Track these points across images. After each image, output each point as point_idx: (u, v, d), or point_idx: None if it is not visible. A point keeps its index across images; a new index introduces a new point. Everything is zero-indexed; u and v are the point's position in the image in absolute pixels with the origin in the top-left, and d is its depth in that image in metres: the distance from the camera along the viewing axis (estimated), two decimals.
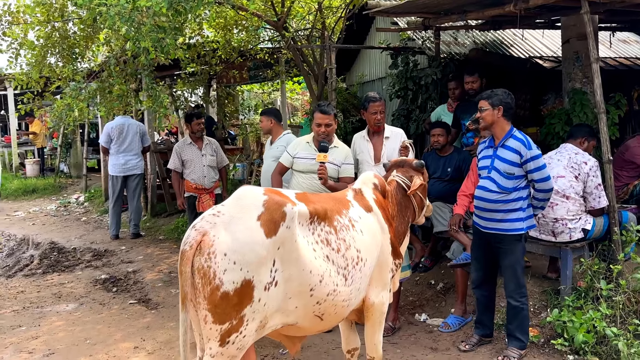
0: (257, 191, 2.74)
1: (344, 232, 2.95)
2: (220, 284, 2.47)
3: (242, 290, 2.49)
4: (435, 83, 7.48)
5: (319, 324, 2.91)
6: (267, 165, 5.40)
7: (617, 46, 9.27)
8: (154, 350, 4.55)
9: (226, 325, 2.51)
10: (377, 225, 3.21)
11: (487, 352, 4.33)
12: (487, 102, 4.09)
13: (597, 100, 4.61)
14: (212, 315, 2.51)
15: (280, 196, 2.74)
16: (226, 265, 2.47)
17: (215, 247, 2.48)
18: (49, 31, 6.69)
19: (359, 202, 3.21)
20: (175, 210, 9.53)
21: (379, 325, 3.33)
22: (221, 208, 2.64)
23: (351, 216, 3.06)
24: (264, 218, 2.58)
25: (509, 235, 4.07)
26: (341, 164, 4.58)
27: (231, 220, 2.57)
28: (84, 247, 8.30)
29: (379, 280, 3.23)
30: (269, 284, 2.57)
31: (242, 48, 9.02)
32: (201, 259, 2.49)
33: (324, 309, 2.84)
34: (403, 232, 3.54)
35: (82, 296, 6.07)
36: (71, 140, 15.24)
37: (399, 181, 3.56)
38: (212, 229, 2.53)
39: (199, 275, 2.50)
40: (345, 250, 2.91)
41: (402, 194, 3.53)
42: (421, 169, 3.69)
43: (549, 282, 5.00)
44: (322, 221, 2.87)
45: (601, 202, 4.57)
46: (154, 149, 9.96)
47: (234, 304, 2.49)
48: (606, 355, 3.99)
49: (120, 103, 6.49)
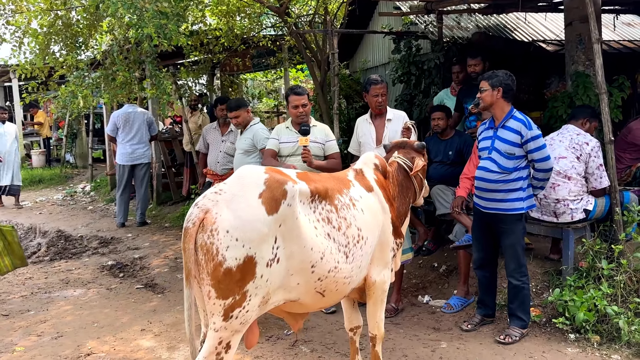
0: (259, 170, 2.76)
1: (344, 211, 2.97)
2: (223, 260, 2.50)
3: (244, 267, 2.53)
4: (438, 67, 7.48)
5: (320, 300, 2.95)
6: (237, 158, 5.44)
7: (621, 29, 9.22)
8: (161, 332, 4.62)
9: (229, 301, 2.54)
10: (378, 205, 3.24)
11: (489, 331, 4.37)
12: (487, 83, 4.10)
13: (599, 81, 4.61)
14: (215, 290, 2.53)
15: (282, 175, 2.77)
16: (228, 242, 2.50)
17: (218, 224, 2.51)
18: (52, 19, 6.73)
19: (360, 182, 3.24)
20: (180, 198, 9.60)
21: (381, 303, 3.37)
22: (223, 186, 2.67)
23: (352, 195, 3.10)
24: (265, 196, 2.61)
25: (509, 215, 4.10)
26: (325, 142, 4.71)
27: (233, 198, 2.58)
28: (90, 235, 8.38)
29: (381, 259, 3.26)
30: (271, 261, 2.60)
31: (245, 35, 9.03)
32: (204, 235, 2.52)
33: (325, 286, 2.87)
34: (404, 213, 3.56)
35: (89, 282, 6.15)
36: (76, 131, 15.32)
37: (400, 162, 3.57)
38: (214, 207, 2.56)
39: (202, 252, 2.53)
40: (346, 228, 2.94)
41: (403, 175, 3.55)
42: (422, 150, 3.70)
43: (551, 263, 5.03)
44: (323, 200, 2.90)
45: (602, 182, 4.59)
46: (158, 138, 10.02)
47: (237, 280, 2.53)
48: (607, 334, 4.04)
49: (124, 90, 6.52)
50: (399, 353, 4.04)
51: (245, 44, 9.42)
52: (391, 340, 4.27)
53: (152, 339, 4.47)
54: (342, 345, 4.17)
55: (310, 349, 4.16)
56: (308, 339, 4.34)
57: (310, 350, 4.14)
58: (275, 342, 4.31)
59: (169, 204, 9.77)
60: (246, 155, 5.50)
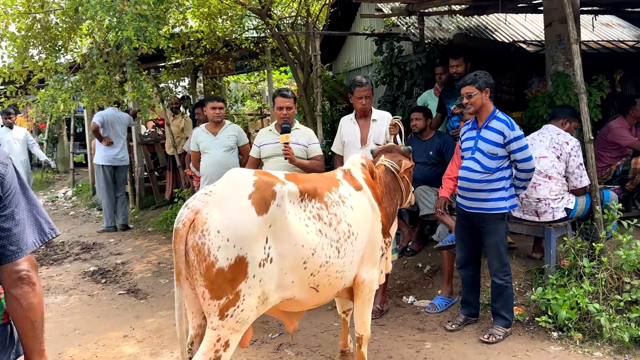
0: (247, 172, 2.82)
1: (334, 208, 3.03)
2: (215, 261, 2.52)
3: (235, 267, 2.54)
4: (420, 69, 7.51)
5: (315, 295, 2.99)
6: (220, 155, 5.48)
7: (599, 29, 9.34)
8: (144, 338, 4.56)
9: (223, 301, 2.56)
10: (368, 203, 3.28)
11: (473, 331, 4.39)
12: (474, 87, 4.10)
13: (578, 81, 4.66)
14: (209, 291, 2.56)
15: (270, 177, 2.81)
16: (219, 242, 2.53)
17: (209, 225, 2.54)
18: (30, 23, 6.62)
19: (349, 181, 3.30)
20: (163, 202, 9.53)
21: (369, 303, 3.40)
22: (213, 188, 2.70)
23: (341, 193, 3.15)
24: (254, 197, 2.65)
25: (492, 214, 4.12)
26: (308, 144, 4.73)
27: (223, 199, 2.62)
28: (72, 241, 8.27)
29: (370, 257, 3.30)
30: (264, 261, 2.63)
31: (227, 38, 8.98)
32: (195, 236, 2.55)
33: (318, 280, 2.92)
34: (392, 214, 3.60)
35: (71, 288, 6.06)
36: (57, 135, 15.13)
37: (388, 165, 3.64)
38: (204, 207, 2.59)
39: (193, 253, 2.56)
40: (336, 224, 2.99)
41: (390, 177, 3.61)
42: (408, 154, 3.77)
43: (533, 262, 5.07)
44: (312, 198, 2.96)
45: (583, 181, 4.63)
46: (140, 142, 9.93)
47: (229, 280, 2.55)
48: (589, 331, 4.07)
49: (104, 94, 6.44)
50: (384, 354, 4.04)
51: (227, 47, 9.37)
52: (376, 341, 4.27)
53: (134, 345, 4.41)
54: (327, 348, 4.16)
55: (295, 352, 4.14)
56: (293, 342, 4.32)
57: (295, 354, 4.12)
58: (260, 346, 4.28)
59: (151, 208, 9.69)
60: (229, 152, 5.52)
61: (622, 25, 9.97)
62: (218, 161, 5.48)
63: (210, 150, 5.54)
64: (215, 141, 5.55)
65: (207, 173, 5.54)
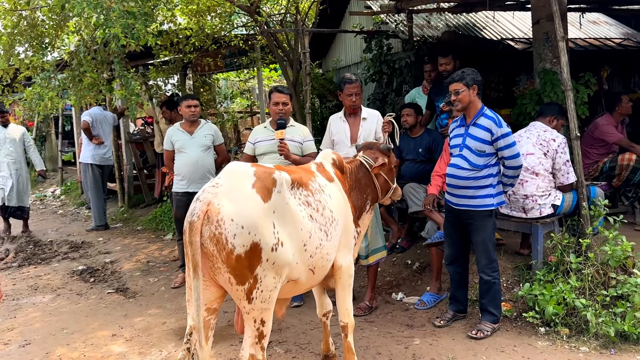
0: (245, 164, 3.01)
1: (318, 195, 3.22)
2: (233, 248, 2.68)
3: (251, 252, 2.70)
4: (409, 66, 7.53)
5: (311, 277, 3.17)
6: (197, 155, 5.50)
7: (586, 27, 9.41)
8: (132, 337, 4.54)
9: (247, 285, 2.76)
10: (339, 193, 3.45)
11: (461, 327, 4.41)
12: (462, 84, 4.12)
13: (564, 78, 4.69)
14: (234, 277, 2.73)
15: (266, 167, 3.01)
16: (235, 229, 2.68)
17: (223, 214, 2.68)
18: (15, 20, 6.54)
19: (322, 173, 3.46)
20: (152, 201, 9.48)
21: (349, 288, 3.55)
22: (218, 180, 2.85)
23: (319, 182, 3.33)
24: (257, 185, 2.82)
25: (479, 211, 4.14)
26: (303, 141, 4.76)
27: (230, 189, 2.77)
28: (60, 240, 8.22)
29: (346, 244, 3.46)
30: (276, 245, 2.80)
31: (216, 35, 8.94)
32: (211, 227, 2.68)
33: (315, 262, 3.12)
34: (360, 207, 3.70)
35: (59, 287, 6.02)
36: (46, 134, 14.99)
37: (363, 161, 3.76)
38: (214, 198, 2.72)
39: (212, 243, 2.69)
40: (322, 209, 3.19)
41: (363, 173, 3.73)
42: (387, 152, 3.84)
43: (521, 258, 5.10)
44: (300, 186, 3.13)
45: (569, 178, 4.67)
46: (129, 140, 9.87)
47: (247, 265, 2.72)
48: (575, 326, 4.11)
49: (92, 92, 6.39)
50: (373, 351, 4.05)
51: (216, 44, 9.33)
52: (365, 338, 4.28)
53: (123, 344, 4.40)
54: (316, 345, 4.16)
55: (285, 350, 4.14)
56: (282, 339, 4.32)
57: (285, 351, 4.12)
58: None
59: (140, 206, 9.64)
60: (206, 152, 5.53)
61: (609, 23, 10.05)
62: (195, 161, 5.47)
63: (186, 150, 5.51)
64: (192, 140, 5.54)
65: (184, 172, 5.52)
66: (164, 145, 5.76)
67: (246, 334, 2.89)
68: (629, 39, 9.30)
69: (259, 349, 2.88)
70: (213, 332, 2.97)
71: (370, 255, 4.77)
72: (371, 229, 4.74)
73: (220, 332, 4.41)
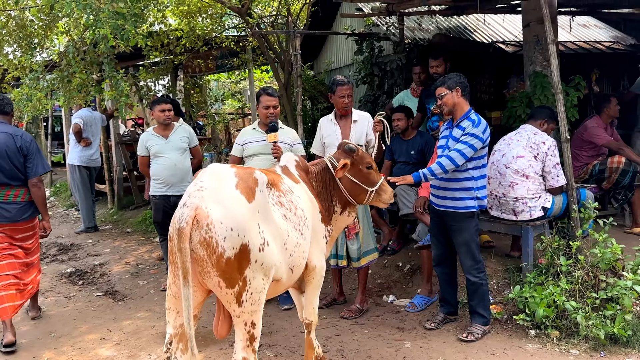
0: (225, 166, 2.98)
1: (289, 196, 3.24)
2: (223, 251, 2.66)
3: (240, 255, 2.70)
4: (400, 68, 7.53)
5: (290, 277, 3.18)
6: (175, 158, 5.47)
7: (577, 30, 9.46)
8: (121, 340, 4.50)
9: (236, 288, 2.75)
10: (306, 194, 3.46)
11: (452, 329, 4.41)
12: (444, 87, 4.17)
13: (554, 81, 4.71)
14: (223, 280, 2.71)
15: (245, 167, 3.04)
16: (224, 232, 2.66)
17: (212, 218, 2.66)
18: (4, 20, 6.49)
19: (287, 175, 3.48)
20: (142, 203, 9.41)
21: (318, 289, 3.59)
22: (202, 183, 2.80)
23: (287, 184, 3.34)
24: (241, 186, 2.81)
25: (460, 212, 4.15)
26: (293, 144, 4.76)
27: (215, 192, 2.75)
28: (49, 242, 8.12)
29: (317, 245, 3.47)
30: (262, 245, 2.80)
31: (207, 36, 8.91)
32: (201, 231, 2.65)
33: (294, 261, 3.15)
34: (327, 209, 3.67)
35: (47, 290, 5.95)
36: (35, 135, 14.85)
37: (327, 162, 3.74)
38: (202, 202, 2.69)
39: (202, 248, 2.66)
40: (295, 209, 3.21)
41: (329, 174, 3.71)
42: (350, 152, 3.71)
43: (512, 260, 5.11)
44: (272, 187, 3.14)
45: (559, 180, 4.68)
46: (119, 141, 9.80)
47: (236, 268, 2.71)
48: (566, 329, 4.12)
49: (81, 93, 6.34)
50: (364, 354, 4.04)
51: (207, 45, 9.30)
52: (356, 341, 4.27)
53: (111, 348, 4.36)
54: None
55: (275, 353, 4.12)
56: (272, 342, 4.30)
57: (275, 355, 4.10)
58: None
59: (130, 208, 9.56)
60: (183, 155, 5.51)
61: (598, 26, 10.11)
62: (174, 164, 5.45)
63: (163, 154, 5.46)
64: (168, 144, 5.50)
65: (162, 176, 5.47)
66: (138, 151, 5.61)
67: (237, 338, 2.88)
68: (618, 42, 9.35)
69: (251, 351, 2.88)
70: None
71: (362, 258, 4.76)
72: (363, 231, 4.74)
73: (210, 335, 4.38)
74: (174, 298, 2.86)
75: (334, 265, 4.86)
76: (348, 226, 4.38)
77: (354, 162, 3.69)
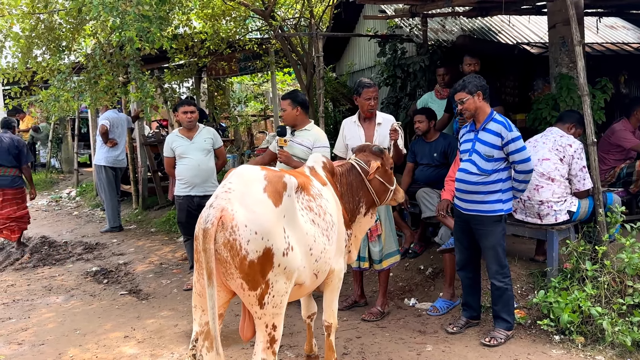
0: (254, 167, 3.00)
1: (318, 200, 3.23)
2: (246, 254, 2.68)
3: (263, 258, 2.71)
4: (423, 70, 7.48)
5: (314, 282, 3.19)
6: (200, 159, 5.55)
7: (603, 32, 9.30)
8: (144, 339, 4.56)
9: (259, 291, 2.76)
10: (333, 198, 3.46)
11: (474, 333, 4.36)
12: (465, 92, 4.11)
13: (581, 83, 4.63)
14: (246, 282, 2.73)
15: (275, 170, 3.03)
16: (248, 235, 2.68)
17: (237, 220, 2.68)
18: (33, 23, 6.64)
19: (315, 177, 3.46)
20: (166, 203, 9.53)
21: (337, 291, 3.60)
22: (230, 185, 2.83)
23: (316, 187, 3.33)
24: (269, 189, 2.82)
25: (488, 216, 4.10)
26: (312, 147, 4.62)
27: (242, 195, 2.76)
28: (75, 241, 8.29)
29: (339, 247, 3.47)
30: (287, 250, 2.81)
31: (231, 39, 8.99)
32: (225, 233, 2.67)
33: (319, 267, 3.15)
34: (352, 211, 3.68)
35: (73, 288, 6.07)
36: (62, 135, 15.15)
37: (355, 164, 3.72)
38: (228, 204, 2.72)
39: (225, 249, 2.68)
40: (323, 214, 3.21)
41: (355, 176, 3.70)
42: (380, 154, 3.78)
43: (536, 264, 5.03)
44: (302, 191, 3.14)
45: (586, 184, 4.60)
46: (144, 142, 9.94)
47: (259, 271, 2.72)
48: (591, 335, 4.04)
49: (107, 94, 6.45)
50: (385, 357, 4.02)
51: (231, 48, 9.38)
52: (377, 343, 4.26)
53: (135, 346, 4.41)
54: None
55: (296, 354, 4.13)
56: (293, 343, 4.31)
57: (296, 355, 4.11)
58: None
59: (154, 208, 9.69)
60: (207, 156, 5.56)
61: (626, 27, 9.92)
62: (198, 165, 5.52)
63: (188, 155, 5.54)
64: (192, 145, 5.57)
65: (187, 177, 5.56)
66: (164, 152, 5.74)
67: (258, 339, 2.89)
68: None
69: (271, 353, 2.89)
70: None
71: (384, 260, 4.75)
72: (385, 233, 4.73)
73: (232, 335, 4.42)
74: (199, 296, 2.89)
75: (356, 267, 4.86)
76: (370, 228, 4.37)
77: (382, 162, 3.76)
